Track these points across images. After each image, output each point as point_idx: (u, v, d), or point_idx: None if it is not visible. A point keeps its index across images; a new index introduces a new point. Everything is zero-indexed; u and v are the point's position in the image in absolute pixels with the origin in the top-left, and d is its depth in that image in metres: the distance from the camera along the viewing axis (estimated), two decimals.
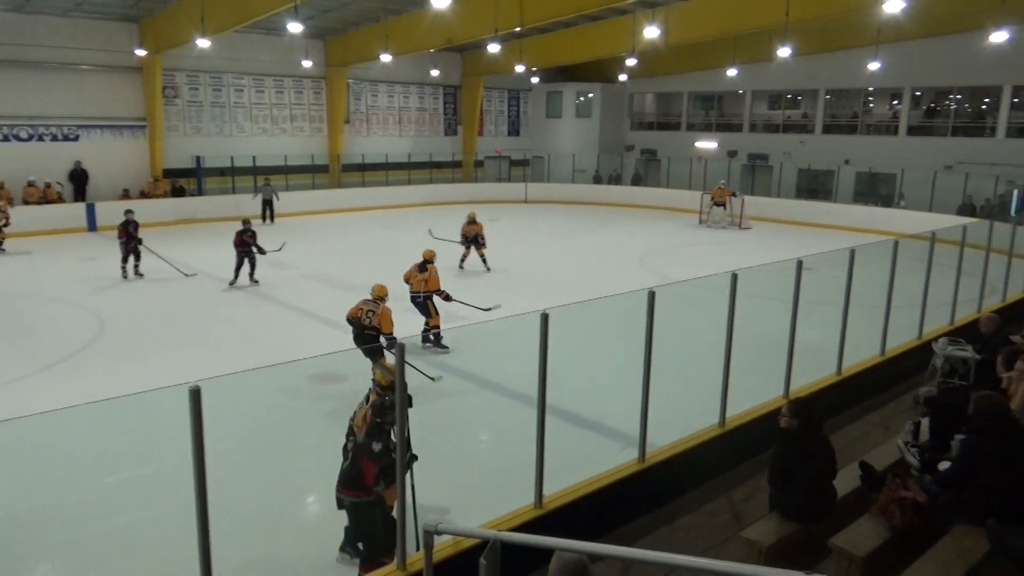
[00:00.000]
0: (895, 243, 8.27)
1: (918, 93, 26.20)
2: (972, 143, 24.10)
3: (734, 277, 6.23)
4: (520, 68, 25.76)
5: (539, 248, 19.97)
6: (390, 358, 5.02)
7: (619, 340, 8.15)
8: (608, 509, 5.49)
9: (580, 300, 8.62)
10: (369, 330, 9.26)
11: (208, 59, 23.82)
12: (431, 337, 10.99)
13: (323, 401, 8.77)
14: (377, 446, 5.03)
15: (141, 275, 15.57)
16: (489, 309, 11.48)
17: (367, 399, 5.60)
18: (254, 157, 25.76)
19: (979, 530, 4.27)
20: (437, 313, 11.17)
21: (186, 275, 15.53)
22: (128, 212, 15.80)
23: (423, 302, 11.15)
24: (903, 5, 14.48)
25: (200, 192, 24.99)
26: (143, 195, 23.80)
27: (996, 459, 4.34)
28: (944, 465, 4.87)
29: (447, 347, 10.94)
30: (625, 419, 7.84)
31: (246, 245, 14.80)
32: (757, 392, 7.10)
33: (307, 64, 24.04)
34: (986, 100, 24.77)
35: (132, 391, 8.12)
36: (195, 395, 3.53)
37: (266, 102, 26.75)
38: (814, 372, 7.67)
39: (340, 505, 5.18)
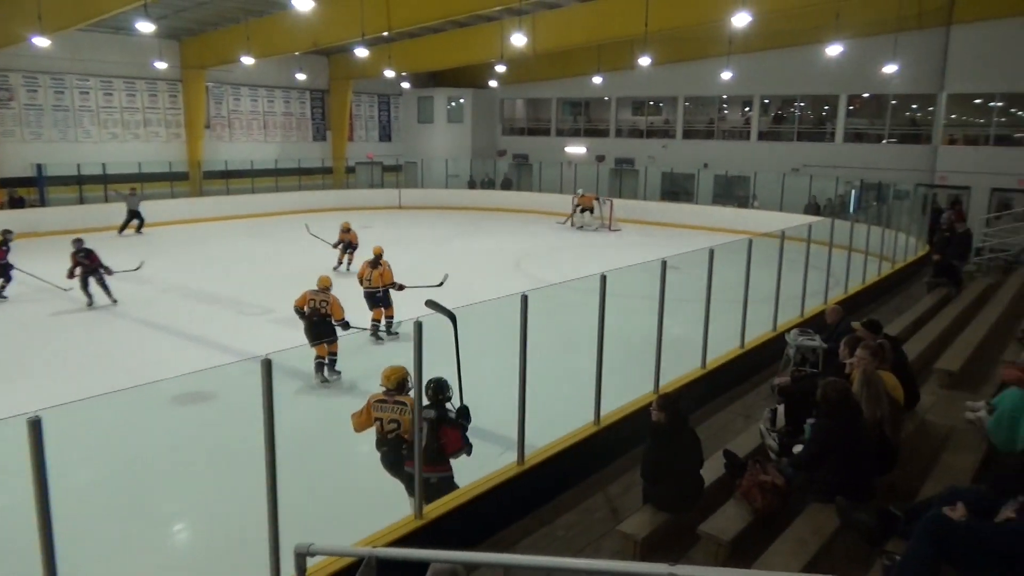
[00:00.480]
0: (749, 242, 8.80)
1: (767, 101, 28.06)
2: (815, 147, 26.07)
3: (603, 279, 6.41)
4: (389, 73, 25.48)
5: (414, 254, 19.77)
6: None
7: (496, 345, 8.18)
8: (489, 515, 5.50)
9: (456, 306, 8.59)
10: (320, 318, 9.77)
11: (48, 59, 22.02)
12: (386, 328, 11.77)
13: (187, 423, 8.30)
14: (451, 412, 5.67)
15: (5, 298, 14.21)
16: (441, 284, 12.25)
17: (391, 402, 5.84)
18: (104, 165, 24.03)
19: (830, 507, 4.59)
20: (392, 303, 11.95)
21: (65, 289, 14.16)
22: (6, 232, 14.59)
23: (383, 295, 11.81)
24: (749, 19, 15.47)
25: (42, 203, 23.03)
26: None
27: (841, 440, 4.69)
28: (798, 448, 5.21)
29: (398, 333, 11.56)
30: (504, 423, 7.90)
31: (85, 266, 13.56)
32: (630, 389, 7.35)
33: (161, 66, 22.69)
34: (826, 107, 26.87)
35: None
36: (35, 426, 3.25)
37: (116, 105, 25.02)
38: (681, 366, 8.04)
39: (419, 485, 5.00)
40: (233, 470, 6.84)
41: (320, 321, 9.75)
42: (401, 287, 11.94)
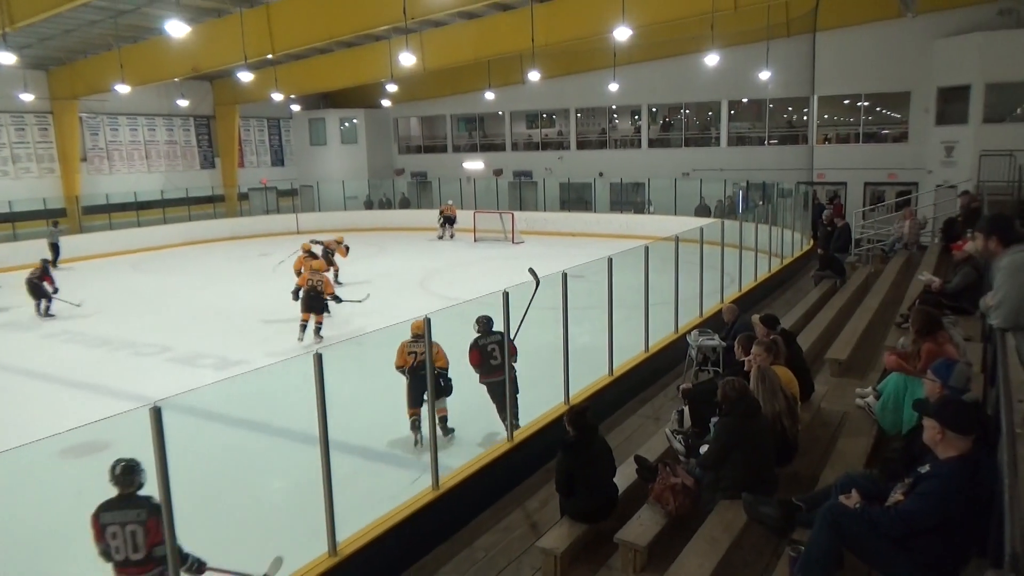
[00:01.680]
0: (646, 248, 9.04)
1: (654, 110, 29.03)
2: (702, 152, 27.16)
3: (506, 295, 6.43)
4: (277, 96, 24.87)
5: None
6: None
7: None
8: (407, 543, 5.39)
9: (356, 334, 8.46)
10: (316, 293, 12.74)
11: None
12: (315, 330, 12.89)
13: (79, 478, 7.73)
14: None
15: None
16: (362, 300, 13.85)
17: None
18: None
19: (737, 503, 4.74)
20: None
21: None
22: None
23: (320, 297, 12.86)
24: (630, 32, 15.99)
25: None
26: None
27: (743, 437, 4.85)
28: (704, 448, 5.35)
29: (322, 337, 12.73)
30: (417, 447, 7.80)
31: None
32: (541, 402, 7.39)
33: (27, 98, 21.37)
34: (710, 113, 28.06)
35: None
36: None
37: None
38: (590, 375, 8.14)
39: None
40: None
41: (315, 296, 12.70)
42: (337, 299, 13.33)
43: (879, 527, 3.47)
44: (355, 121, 33.34)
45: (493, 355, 7.63)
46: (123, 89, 21.01)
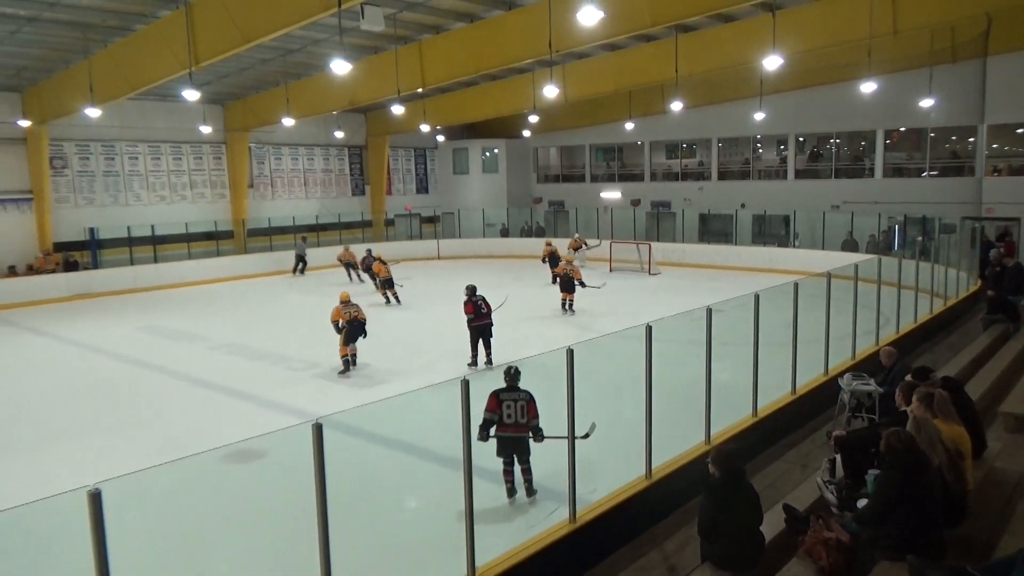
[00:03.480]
0: (795, 285, 8.65)
1: (802, 139, 27.91)
2: (854, 183, 25.76)
3: (648, 329, 6.34)
4: (425, 127, 26.01)
5: (456, 304, 19.88)
6: None
7: (542, 396, 8.12)
8: (543, 575, 5.38)
9: (501, 359, 8.60)
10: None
11: (99, 128, 22.96)
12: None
13: (239, 485, 8.31)
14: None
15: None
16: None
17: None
18: (152, 226, 24.84)
19: (900, 564, 4.39)
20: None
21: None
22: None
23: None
24: (780, 62, 15.49)
25: (95, 265, 23.80)
26: (32, 270, 22.46)
27: (908, 493, 4.50)
28: (862, 502, 5.01)
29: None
30: (554, 476, 7.78)
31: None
32: (680, 439, 7.20)
33: (206, 130, 23.53)
34: (863, 143, 26.62)
35: (26, 489, 7.48)
36: (95, 499, 3.28)
37: (163, 169, 25.93)
38: (731, 414, 7.85)
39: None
40: (286, 529, 6.82)
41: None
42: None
43: None
44: (496, 151, 34.27)
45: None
46: (288, 122, 22.75)
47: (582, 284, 17.99)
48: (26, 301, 20.62)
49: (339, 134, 28.68)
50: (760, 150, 29.70)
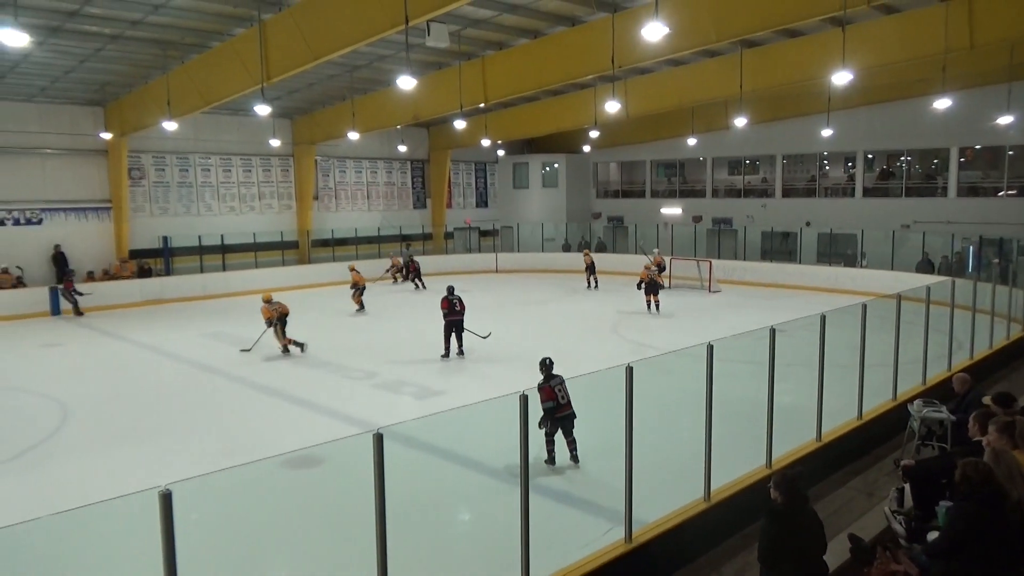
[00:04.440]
0: (863, 307, 8.40)
1: (871, 156, 27.16)
2: (926, 203, 24.92)
3: (710, 348, 6.25)
4: (486, 142, 26.26)
5: (513, 318, 19.96)
6: None
7: (597, 412, 8.09)
8: None
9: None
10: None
11: (174, 140, 23.92)
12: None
13: (298, 491, 8.48)
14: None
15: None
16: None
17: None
18: (222, 236, 25.69)
19: None
20: None
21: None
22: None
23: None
24: (850, 77, 15.12)
25: (167, 272, 24.72)
26: (108, 276, 23.46)
27: (983, 527, 4.31)
28: (932, 535, 4.82)
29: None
30: (609, 494, 7.70)
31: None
32: (739, 461, 7.05)
33: (275, 143, 24.29)
34: (935, 161, 25.75)
35: (96, 487, 7.76)
36: (166, 500, 3.39)
37: (234, 181, 26.82)
38: (794, 437, 7.65)
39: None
40: (344, 534, 6.92)
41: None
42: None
43: None
44: (556, 166, 34.36)
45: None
46: (353, 136, 23.27)
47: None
48: (103, 305, 21.52)
49: (402, 148, 29.22)
50: (827, 167, 29.00)
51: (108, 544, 6.81)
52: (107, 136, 22.76)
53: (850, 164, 27.93)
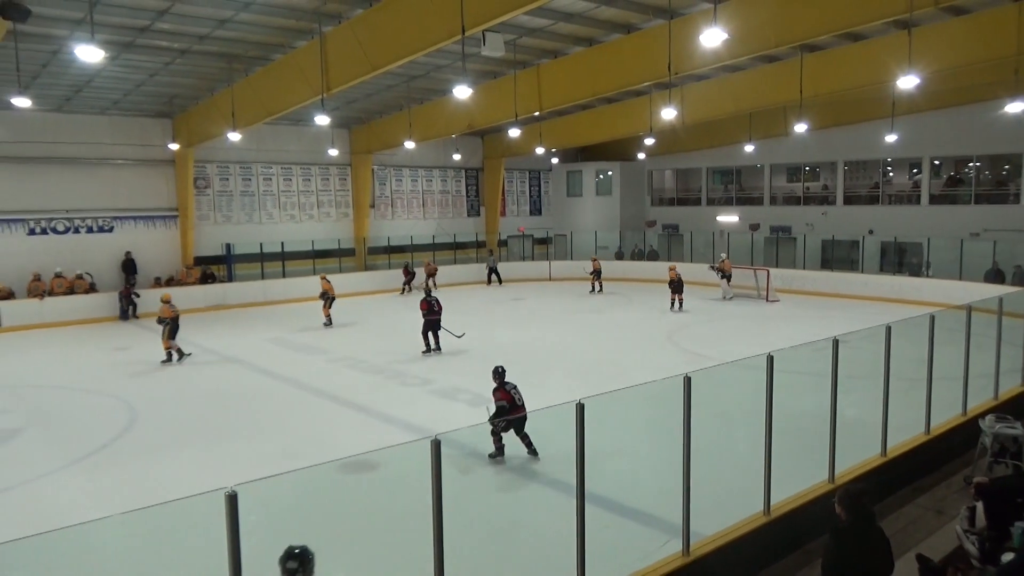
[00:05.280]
0: (931, 317, 8.12)
1: (937, 162, 26.28)
2: (997, 210, 23.99)
3: (770, 359, 6.12)
4: (540, 150, 26.30)
5: (566, 326, 19.93)
6: None
7: (654, 422, 8.01)
8: None
9: (613, 383, 8.53)
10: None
11: (237, 150, 24.66)
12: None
13: (355, 494, 8.60)
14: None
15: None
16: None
17: None
18: (282, 243, 26.33)
19: None
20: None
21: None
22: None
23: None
24: (917, 81, 14.67)
25: (230, 278, 25.44)
26: (174, 282, 24.26)
27: None
28: (1007, 556, 4.63)
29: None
30: (665, 506, 7.61)
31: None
32: (800, 476, 6.89)
33: (333, 152, 24.83)
34: (1006, 167, 24.77)
35: (162, 488, 8.00)
36: (232, 501, 3.49)
37: (294, 189, 27.50)
38: (857, 452, 7.44)
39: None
40: (400, 538, 6.99)
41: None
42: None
43: None
44: (610, 173, 34.23)
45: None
46: (410, 145, 23.59)
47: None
48: None
49: (457, 156, 29.51)
50: (891, 173, 28.19)
51: (175, 543, 7.04)
52: (175, 147, 23.60)
53: (915, 170, 27.09)
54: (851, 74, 18.50)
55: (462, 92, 13.88)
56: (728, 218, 31.35)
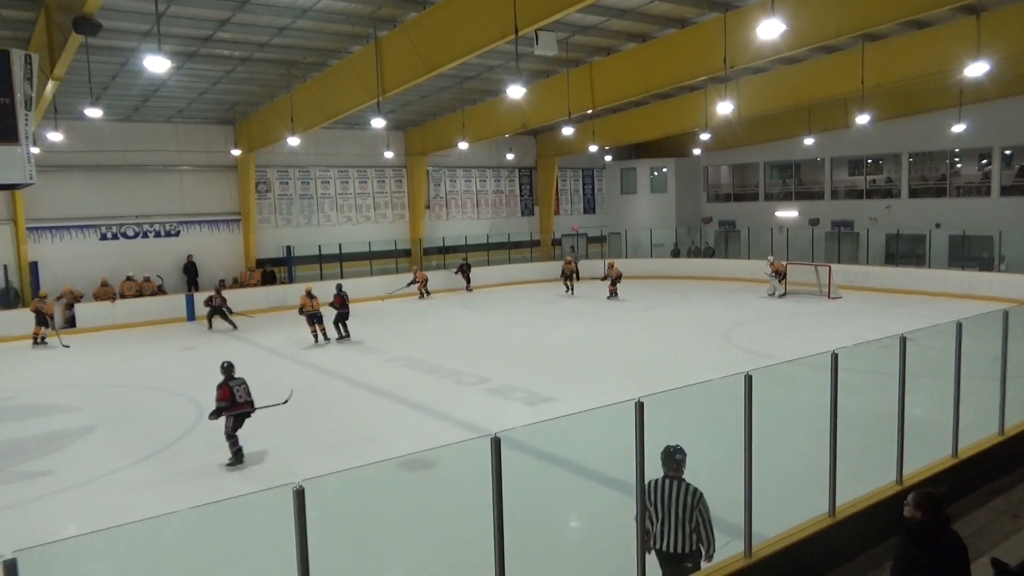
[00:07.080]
0: (1005, 313, 7.81)
1: (1008, 152, 25.23)
2: None
3: (834, 357, 5.98)
4: (593, 148, 26.18)
5: (622, 324, 19.81)
6: None
7: (714, 421, 7.88)
8: None
9: (670, 381, 8.45)
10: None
11: (296, 155, 25.24)
12: None
13: (414, 492, 8.72)
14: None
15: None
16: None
17: None
18: (340, 245, 26.84)
19: None
20: None
21: None
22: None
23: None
24: (986, 68, 14.13)
25: (290, 279, 26.06)
26: (237, 283, 24.97)
27: None
28: None
29: None
30: (725, 506, 7.51)
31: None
32: (865, 476, 6.71)
33: (389, 155, 25.24)
34: None
35: (229, 482, 8.24)
36: (299, 496, 3.59)
37: (351, 192, 28.00)
38: (926, 453, 7.20)
39: None
40: (458, 536, 7.07)
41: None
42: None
43: None
44: (665, 170, 33.85)
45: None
46: (463, 145, 23.78)
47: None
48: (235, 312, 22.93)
49: (510, 156, 29.61)
50: (958, 164, 27.17)
51: (241, 537, 7.25)
52: (237, 152, 24.31)
53: (985, 161, 26.05)
54: (915, 63, 17.89)
55: (515, 92, 13.95)
56: (787, 213, 30.69)
